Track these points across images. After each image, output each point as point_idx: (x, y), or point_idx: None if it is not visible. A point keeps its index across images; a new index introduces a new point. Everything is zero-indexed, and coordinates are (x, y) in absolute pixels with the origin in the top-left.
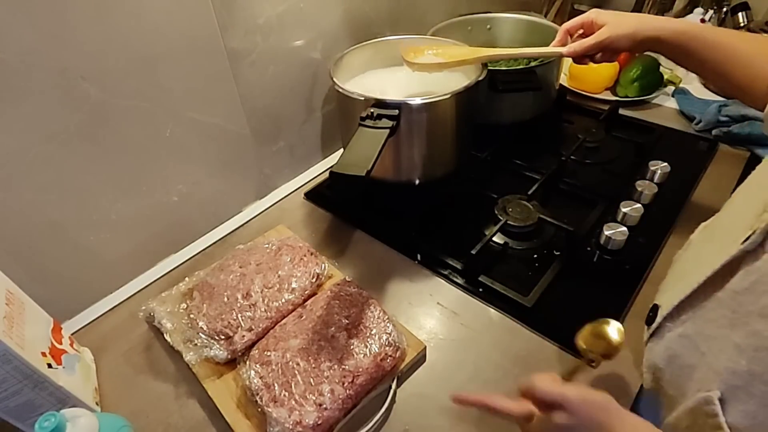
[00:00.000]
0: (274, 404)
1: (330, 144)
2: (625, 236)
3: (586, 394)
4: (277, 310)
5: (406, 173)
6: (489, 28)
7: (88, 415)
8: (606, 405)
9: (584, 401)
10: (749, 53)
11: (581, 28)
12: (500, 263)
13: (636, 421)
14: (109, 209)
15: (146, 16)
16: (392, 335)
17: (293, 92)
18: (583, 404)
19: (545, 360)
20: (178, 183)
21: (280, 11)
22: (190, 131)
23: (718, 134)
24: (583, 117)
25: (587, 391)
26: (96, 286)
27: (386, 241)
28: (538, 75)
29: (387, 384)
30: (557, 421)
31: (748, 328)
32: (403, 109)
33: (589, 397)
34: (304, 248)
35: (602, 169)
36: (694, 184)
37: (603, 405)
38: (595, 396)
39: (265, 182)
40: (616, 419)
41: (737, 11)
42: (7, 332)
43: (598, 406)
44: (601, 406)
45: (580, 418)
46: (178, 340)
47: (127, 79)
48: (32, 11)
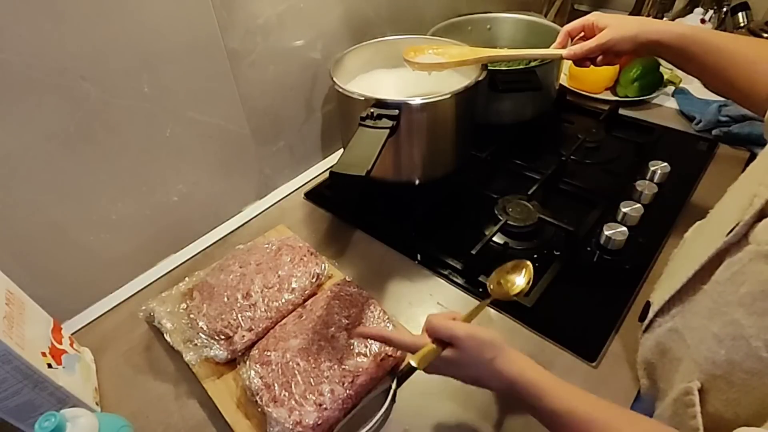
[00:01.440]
0: (274, 404)
1: (330, 144)
2: (625, 236)
3: (473, 332)
4: (277, 310)
5: (406, 173)
6: (489, 28)
7: (88, 415)
8: (491, 342)
9: (471, 337)
10: (750, 58)
11: (582, 30)
12: (500, 263)
13: (519, 356)
14: (109, 209)
15: (146, 16)
16: None
17: (293, 92)
18: (469, 340)
19: (545, 360)
20: (178, 183)
21: (280, 11)
22: (190, 131)
23: (718, 134)
24: (583, 117)
25: (475, 329)
26: (96, 286)
27: (386, 241)
28: (538, 75)
29: (387, 384)
30: (445, 355)
31: (727, 317)
32: (403, 109)
33: (476, 334)
34: (304, 248)
35: (602, 169)
36: (694, 184)
37: (488, 341)
38: (482, 334)
39: (265, 182)
40: (501, 355)
41: (737, 11)
42: (7, 332)
43: (483, 342)
44: (487, 342)
45: (466, 353)
46: (178, 340)
47: (127, 79)
48: (32, 11)
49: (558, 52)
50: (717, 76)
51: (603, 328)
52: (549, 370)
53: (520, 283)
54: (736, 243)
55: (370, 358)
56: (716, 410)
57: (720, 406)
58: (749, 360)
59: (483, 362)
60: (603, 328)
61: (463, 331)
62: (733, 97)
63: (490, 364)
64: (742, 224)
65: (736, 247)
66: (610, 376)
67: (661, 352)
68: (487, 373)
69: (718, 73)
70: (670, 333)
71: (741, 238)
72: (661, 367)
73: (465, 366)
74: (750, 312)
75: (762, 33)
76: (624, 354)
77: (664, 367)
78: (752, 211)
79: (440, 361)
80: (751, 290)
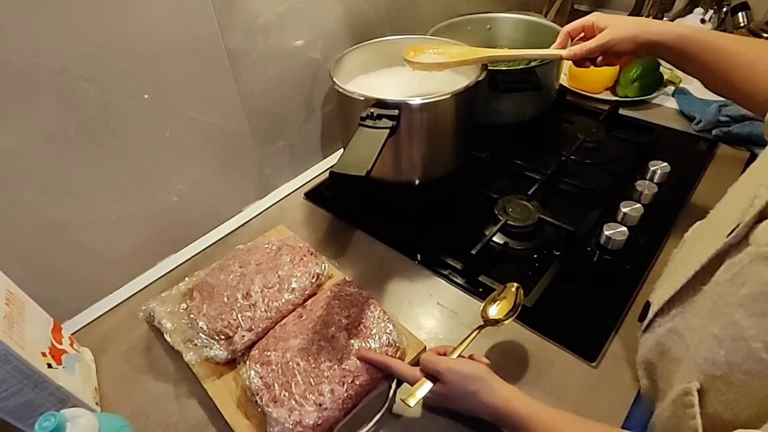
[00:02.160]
0: (274, 404)
1: (330, 144)
2: (625, 236)
3: (455, 366)
4: (277, 310)
5: (406, 173)
6: (489, 28)
7: (88, 415)
8: (474, 375)
9: (452, 372)
10: (750, 58)
11: (582, 31)
12: (500, 263)
13: (503, 386)
14: (109, 209)
15: (146, 16)
16: (392, 335)
17: (293, 92)
18: (450, 374)
19: (545, 360)
20: (178, 183)
21: (280, 11)
22: (190, 131)
23: (718, 134)
24: (583, 117)
25: (459, 363)
26: (96, 286)
27: (386, 241)
28: (538, 75)
29: (387, 384)
30: (434, 390)
31: (727, 318)
32: (403, 109)
33: (457, 369)
34: (304, 248)
35: (602, 169)
36: (694, 184)
37: (470, 375)
38: (464, 367)
39: (265, 182)
40: (483, 387)
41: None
42: (7, 332)
43: (465, 375)
44: (469, 376)
45: (451, 387)
46: (178, 340)
47: (127, 79)
48: (32, 11)
49: (558, 53)
50: (717, 76)
51: (603, 328)
52: (549, 370)
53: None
54: (736, 244)
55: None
56: (715, 411)
57: (719, 406)
58: (749, 361)
59: (467, 394)
60: (603, 328)
61: (444, 366)
62: (732, 97)
63: (474, 397)
64: (742, 226)
65: (736, 248)
66: (610, 376)
67: (660, 352)
68: (474, 405)
69: (717, 73)
70: (669, 333)
71: (741, 240)
72: (660, 368)
73: (453, 398)
74: (750, 313)
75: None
76: (624, 354)
77: (663, 368)
78: (752, 213)
79: (432, 394)
80: (751, 291)
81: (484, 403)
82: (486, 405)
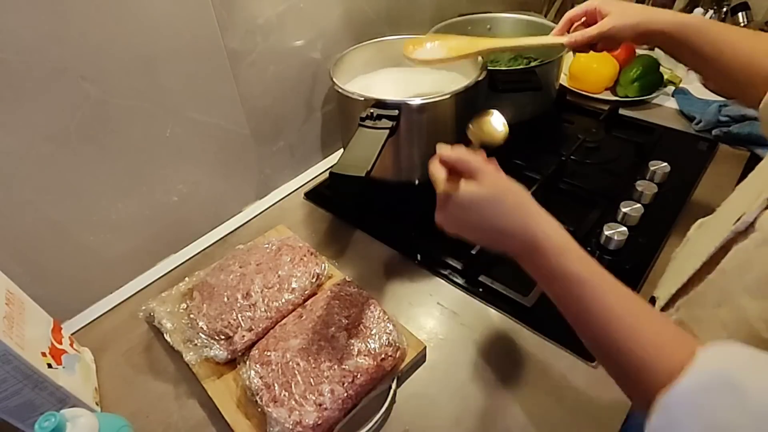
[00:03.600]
0: (274, 404)
1: (330, 144)
2: (625, 236)
3: (498, 170)
4: (277, 310)
5: (406, 173)
6: (489, 28)
7: (88, 415)
8: (520, 189)
9: (495, 174)
10: (749, 50)
11: (584, 16)
12: (500, 263)
13: (549, 218)
14: (109, 209)
15: (146, 16)
16: (392, 335)
17: (293, 92)
18: (494, 176)
19: (545, 360)
20: (178, 183)
21: (280, 11)
22: (190, 131)
23: (718, 134)
24: (583, 117)
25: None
26: (96, 286)
27: (386, 241)
28: (538, 75)
29: (387, 384)
30: (466, 190)
31: (733, 304)
32: (403, 109)
33: (501, 173)
34: (304, 248)
35: (602, 169)
36: (694, 184)
37: (517, 188)
38: (511, 182)
39: (265, 182)
40: (531, 208)
41: (737, 11)
42: (7, 332)
43: (512, 187)
44: (514, 187)
45: (488, 191)
46: (178, 340)
47: (127, 79)
48: (32, 11)
49: (558, 40)
50: (715, 66)
51: None
52: (549, 370)
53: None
54: (743, 232)
55: (370, 358)
56: None
57: None
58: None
59: (506, 207)
60: None
61: (484, 164)
62: (730, 89)
63: (513, 211)
64: (750, 213)
65: (743, 235)
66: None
67: None
68: (507, 224)
69: (716, 63)
70: None
71: (748, 227)
72: None
73: (483, 208)
74: (755, 296)
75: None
76: None
77: None
78: (760, 201)
79: (458, 199)
80: (758, 275)
81: (524, 229)
82: (527, 232)
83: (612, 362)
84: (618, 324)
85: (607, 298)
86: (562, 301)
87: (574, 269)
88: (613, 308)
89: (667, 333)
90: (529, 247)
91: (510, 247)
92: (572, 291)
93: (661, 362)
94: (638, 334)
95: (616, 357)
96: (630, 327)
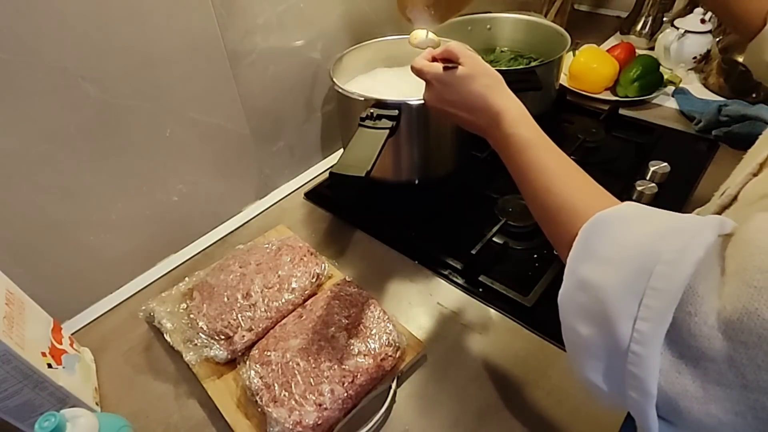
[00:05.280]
0: (274, 404)
1: (330, 144)
2: None
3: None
4: (277, 310)
5: (406, 173)
6: (489, 28)
7: (88, 415)
8: (495, 73)
9: (476, 59)
10: None
11: None
12: (500, 263)
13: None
14: (109, 209)
15: (146, 16)
16: (392, 335)
17: (293, 92)
18: (474, 60)
19: (545, 360)
20: (178, 183)
21: (280, 11)
22: (190, 131)
23: (718, 134)
24: (583, 117)
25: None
26: (96, 286)
27: (386, 241)
28: (538, 75)
29: (387, 384)
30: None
31: None
32: (403, 109)
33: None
34: (304, 248)
35: (602, 169)
36: (694, 184)
37: (493, 72)
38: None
39: (265, 182)
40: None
41: None
42: (7, 332)
43: (488, 68)
44: (491, 71)
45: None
46: (178, 340)
47: (127, 79)
48: (32, 11)
49: None
50: None
51: None
52: (549, 370)
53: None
54: (728, 205)
55: (370, 358)
56: None
57: None
58: None
59: (479, 86)
60: None
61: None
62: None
63: (485, 91)
64: (733, 186)
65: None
66: None
67: None
68: (478, 102)
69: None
70: None
71: (732, 200)
72: None
73: (461, 86)
74: None
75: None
76: None
77: None
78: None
79: (444, 77)
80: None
81: (490, 104)
82: (492, 106)
83: (544, 206)
84: (554, 173)
85: (550, 158)
86: (513, 161)
87: (526, 134)
88: (553, 167)
89: (597, 189)
90: (493, 119)
91: (479, 123)
92: (522, 152)
93: (586, 205)
94: (571, 183)
95: (548, 201)
96: (564, 177)
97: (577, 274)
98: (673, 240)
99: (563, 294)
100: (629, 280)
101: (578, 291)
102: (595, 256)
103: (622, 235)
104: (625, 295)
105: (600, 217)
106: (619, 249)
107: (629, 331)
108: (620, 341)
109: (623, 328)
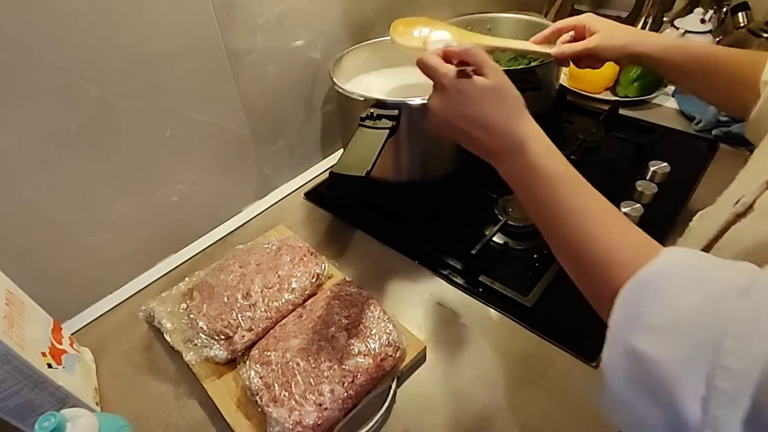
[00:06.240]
0: (274, 404)
1: (330, 144)
2: None
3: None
4: (277, 310)
5: (406, 173)
6: (489, 28)
7: (88, 415)
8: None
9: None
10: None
11: (573, 29)
12: (500, 263)
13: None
14: (109, 209)
15: (146, 16)
16: (392, 335)
17: (293, 92)
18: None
19: (545, 360)
20: (178, 183)
21: (280, 11)
22: (190, 131)
23: (718, 134)
24: (583, 117)
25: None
26: (96, 286)
27: (386, 241)
28: (538, 75)
29: (387, 384)
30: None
31: None
32: (403, 109)
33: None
34: (304, 248)
35: (602, 169)
36: (694, 184)
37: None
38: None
39: (265, 182)
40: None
41: (737, 11)
42: (7, 332)
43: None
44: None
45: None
46: (178, 340)
47: (127, 79)
48: (32, 11)
49: (546, 50)
50: (701, 80)
51: (603, 328)
52: (549, 370)
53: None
54: (742, 214)
55: (370, 358)
56: None
57: None
58: None
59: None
60: (603, 328)
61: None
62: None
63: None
64: (749, 194)
65: (742, 217)
66: None
67: None
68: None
69: (701, 77)
70: None
71: (747, 209)
72: None
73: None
74: None
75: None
76: None
77: None
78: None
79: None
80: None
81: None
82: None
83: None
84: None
85: (584, 197)
86: (539, 197)
87: (556, 167)
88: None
89: (636, 233)
90: (516, 146)
91: (494, 146)
92: (553, 187)
93: (627, 256)
94: (610, 228)
95: (584, 250)
96: (602, 222)
97: (625, 343)
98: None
99: (609, 360)
100: (692, 356)
101: (629, 361)
102: (646, 324)
103: (674, 298)
104: (688, 372)
105: (647, 278)
106: (674, 317)
107: (699, 414)
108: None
109: (692, 409)
